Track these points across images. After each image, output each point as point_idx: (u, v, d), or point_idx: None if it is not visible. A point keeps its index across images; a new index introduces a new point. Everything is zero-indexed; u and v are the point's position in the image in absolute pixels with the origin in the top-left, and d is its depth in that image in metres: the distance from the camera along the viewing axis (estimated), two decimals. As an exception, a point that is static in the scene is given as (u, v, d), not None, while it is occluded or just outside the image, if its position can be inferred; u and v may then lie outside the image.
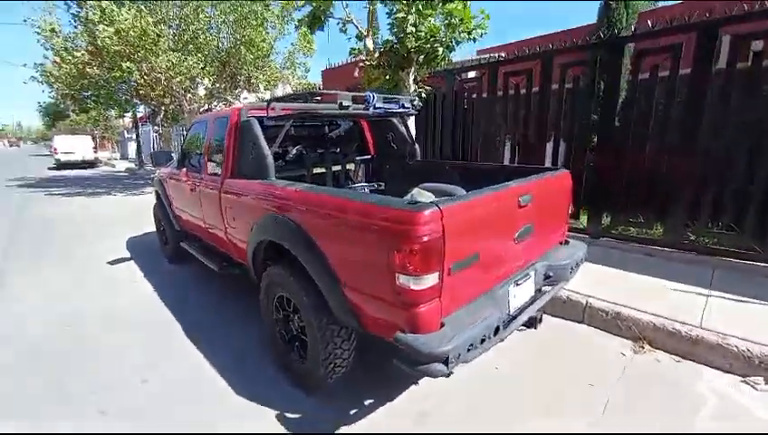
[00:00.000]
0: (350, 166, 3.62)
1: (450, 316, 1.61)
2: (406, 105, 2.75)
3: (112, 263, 4.54)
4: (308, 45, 11.26)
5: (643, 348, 2.56)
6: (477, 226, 1.66)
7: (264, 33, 9.44)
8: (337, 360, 2.01)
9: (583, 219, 4.54)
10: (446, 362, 1.42)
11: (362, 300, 1.69)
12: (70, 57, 8.82)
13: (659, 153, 3.95)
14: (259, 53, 9.62)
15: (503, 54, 7.18)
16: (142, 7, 8.24)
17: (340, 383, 2.16)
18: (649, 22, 3.90)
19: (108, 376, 2.39)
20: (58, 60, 9.15)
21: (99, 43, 7.87)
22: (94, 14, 7.86)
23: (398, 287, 1.47)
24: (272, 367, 2.42)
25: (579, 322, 2.94)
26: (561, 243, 2.58)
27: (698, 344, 2.42)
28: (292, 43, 11.51)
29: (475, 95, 5.52)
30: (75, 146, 20.46)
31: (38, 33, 10.11)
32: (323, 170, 3.36)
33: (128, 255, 4.87)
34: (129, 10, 7.88)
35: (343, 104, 2.37)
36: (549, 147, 4.76)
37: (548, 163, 4.71)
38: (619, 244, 4.19)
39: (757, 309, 2.73)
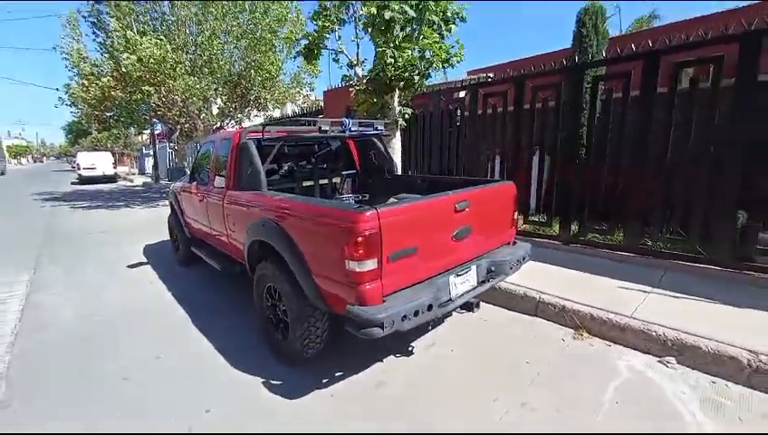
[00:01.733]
0: (337, 180, 4.13)
1: (393, 295, 2.07)
2: (379, 128, 3.26)
3: (132, 266, 5.10)
4: (313, 66, 12.00)
5: (582, 335, 2.95)
6: (413, 225, 2.13)
7: (272, 57, 10.19)
8: (312, 337, 2.46)
9: (556, 227, 4.94)
10: (381, 326, 1.87)
11: (326, 284, 2.17)
12: (97, 82, 9.69)
13: (616, 168, 4.37)
14: (267, 75, 10.37)
15: (491, 75, 7.72)
16: (162, 37, 9.07)
17: (316, 360, 2.61)
18: (604, 51, 4.38)
19: (131, 354, 2.89)
20: (86, 83, 10.02)
21: (122, 69, 8.69)
22: (119, 43, 8.71)
23: (347, 271, 1.95)
24: (261, 346, 2.89)
25: (532, 314, 3.34)
26: (509, 243, 3.02)
27: (626, 331, 2.81)
28: (298, 66, 12.28)
29: (458, 114, 6.03)
30: (96, 162, 21.55)
31: (67, 59, 11.12)
32: (312, 183, 3.88)
33: (144, 259, 5.44)
34: (151, 39, 8.70)
35: (322, 128, 2.89)
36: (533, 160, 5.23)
37: (534, 175, 5.17)
38: (586, 249, 4.57)
39: (687, 303, 3.11)
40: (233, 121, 12.99)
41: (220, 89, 10.94)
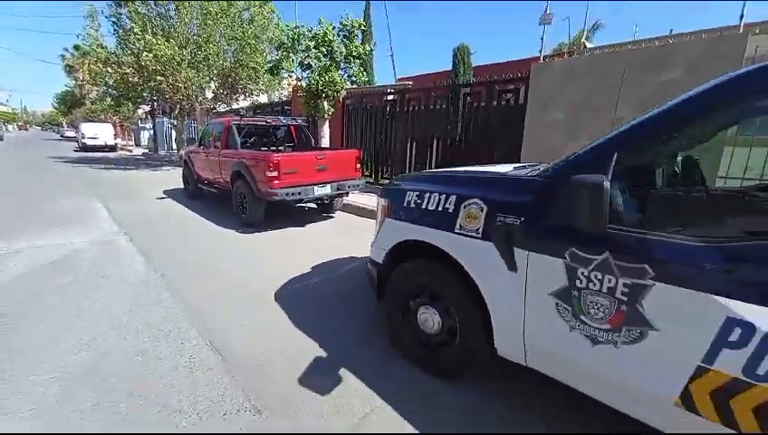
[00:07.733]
0: (282, 148, 7.38)
1: (285, 188, 5.38)
2: (298, 120, 6.52)
3: (159, 198, 8.32)
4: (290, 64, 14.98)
5: (388, 224, 6.32)
6: (294, 162, 5.43)
7: (255, 56, 13.15)
8: (256, 212, 5.77)
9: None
10: (277, 195, 5.19)
11: (260, 185, 5.46)
12: (119, 70, 12.62)
13: (452, 148, 7.69)
14: (252, 71, 13.39)
15: (410, 83, 10.97)
16: (171, 39, 11.99)
17: (259, 226, 5.91)
18: (470, 76, 7.65)
19: (173, 225, 6.16)
20: (110, 70, 12.92)
21: (141, 63, 11.64)
22: (139, 42, 11.62)
23: (267, 176, 5.24)
24: (235, 221, 6.18)
25: (371, 218, 6.68)
26: (353, 179, 6.33)
27: (403, 220, 6.19)
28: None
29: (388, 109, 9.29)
30: (99, 132, 24.23)
31: (90, 47, 13.91)
32: (267, 150, 7.13)
33: (166, 196, 8.65)
34: (163, 41, 11.62)
35: (268, 120, 6.14)
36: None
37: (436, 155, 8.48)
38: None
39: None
40: (224, 104, 15.96)
41: (214, 78, 13.90)
